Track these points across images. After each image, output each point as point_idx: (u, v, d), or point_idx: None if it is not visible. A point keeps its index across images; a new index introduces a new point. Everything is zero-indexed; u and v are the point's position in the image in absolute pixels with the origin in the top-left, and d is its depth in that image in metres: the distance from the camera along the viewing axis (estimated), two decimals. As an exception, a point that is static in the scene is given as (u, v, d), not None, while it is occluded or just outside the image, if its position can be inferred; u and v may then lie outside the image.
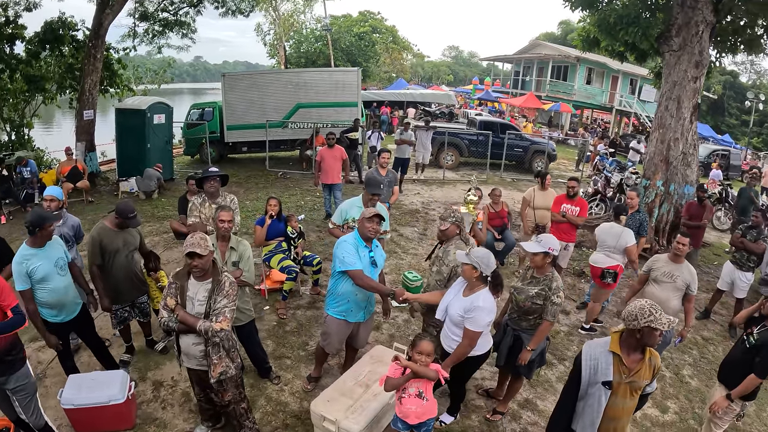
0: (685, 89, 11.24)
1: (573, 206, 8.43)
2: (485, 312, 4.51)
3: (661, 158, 11.59)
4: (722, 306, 9.38)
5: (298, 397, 5.84)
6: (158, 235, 10.47)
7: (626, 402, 3.71)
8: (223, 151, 18.65)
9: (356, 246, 5.06)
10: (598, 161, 20.35)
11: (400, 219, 12.65)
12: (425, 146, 17.28)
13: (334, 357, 6.48)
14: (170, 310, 4.19)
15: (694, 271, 6.10)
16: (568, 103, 38.85)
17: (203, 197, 6.45)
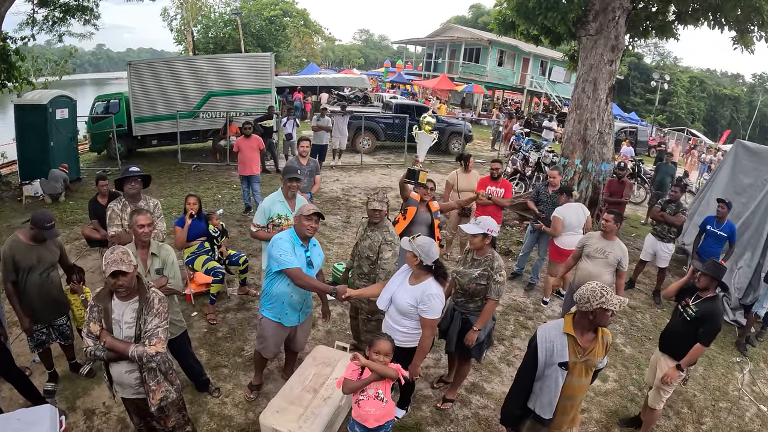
0: (601, 72, 11.71)
1: (497, 188, 8.52)
2: (439, 299, 4.49)
3: (578, 138, 12.07)
4: (645, 275, 10.02)
5: (243, 409, 5.56)
6: (69, 243, 9.64)
7: (582, 380, 3.84)
8: (132, 145, 17.58)
9: (292, 244, 4.86)
10: (514, 141, 20.80)
11: (322, 207, 12.35)
12: (342, 132, 17.13)
13: (273, 361, 6.27)
14: (95, 336, 3.75)
15: (625, 247, 6.38)
16: (481, 84, 39.65)
17: (123, 201, 5.87)
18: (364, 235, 5.59)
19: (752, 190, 9.78)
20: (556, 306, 8.61)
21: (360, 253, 5.59)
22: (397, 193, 14.06)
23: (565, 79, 41.90)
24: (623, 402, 6.37)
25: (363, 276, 5.64)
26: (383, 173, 17.25)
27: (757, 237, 9.13)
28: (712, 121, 68.61)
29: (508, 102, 46.68)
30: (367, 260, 5.53)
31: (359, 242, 5.62)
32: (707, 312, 4.97)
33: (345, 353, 5.64)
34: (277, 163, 16.17)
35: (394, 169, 17.88)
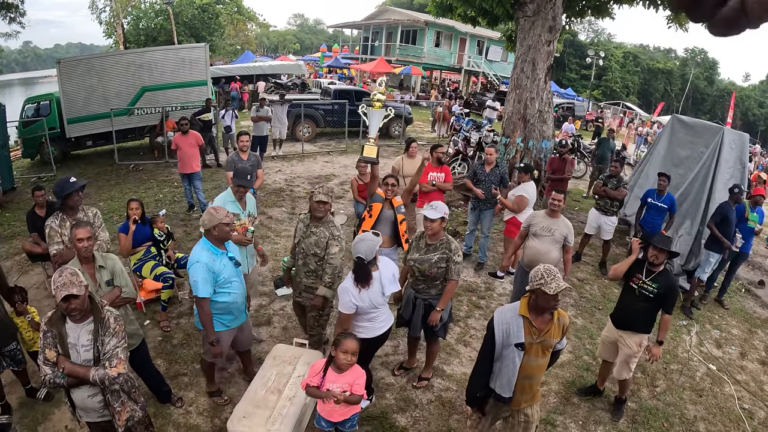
0: (539, 52, 11.94)
1: (439, 173, 8.61)
2: (343, 294, 4.61)
3: (519, 117, 12.32)
4: (590, 248, 10.45)
5: (208, 416, 5.48)
6: (9, 258, 9.28)
7: (539, 360, 3.97)
8: (66, 148, 16.81)
9: (210, 260, 4.72)
10: (454, 122, 20.97)
11: (266, 200, 12.41)
12: (281, 121, 17.02)
13: (233, 364, 6.28)
14: (52, 363, 3.60)
15: (570, 224, 6.61)
16: (419, 65, 39.90)
17: (60, 216, 5.52)
18: (307, 232, 5.48)
19: (689, 162, 10.29)
20: (507, 284, 8.82)
21: (305, 250, 5.48)
22: (342, 180, 14.45)
23: (502, 58, 42.52)
24: (579, 372, 6.63)
25: (310, 273, 5.57)
26: (325, 161, 17.23)
27: (695, 206, 9.65)
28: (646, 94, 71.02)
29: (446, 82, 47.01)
30: (314, 257, 5.47)
31: (302, 239, 5.50)
32: (668, 285, 5.23)
33: (305, 350, 5.66)
34: (217, 157, 15.96)
35: (336, 156, 17.93)
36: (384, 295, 4.74)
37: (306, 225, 5.52)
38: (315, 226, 5.44)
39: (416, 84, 42.03)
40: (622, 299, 5.67)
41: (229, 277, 4.85)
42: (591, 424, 5.72)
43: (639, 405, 6.10)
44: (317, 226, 5.44)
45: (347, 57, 50.75)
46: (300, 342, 5.87)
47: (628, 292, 5.56)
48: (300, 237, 5.53)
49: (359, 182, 9.25)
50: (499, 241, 10.25)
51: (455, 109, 24.11)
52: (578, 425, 5.68)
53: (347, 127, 19.27)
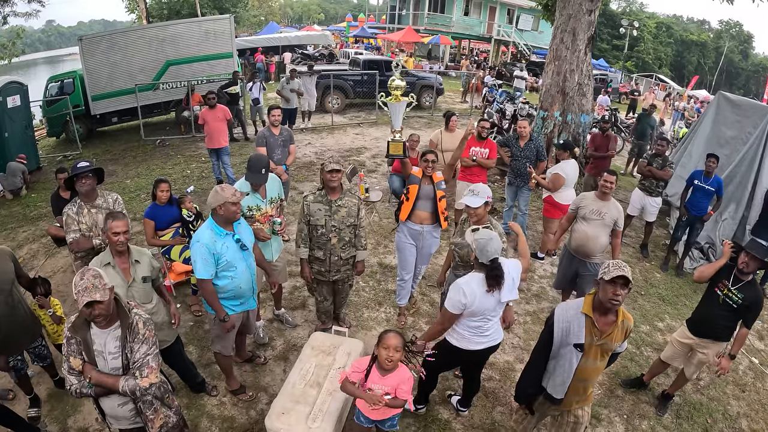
0: (580, 22, 11.32)
1: (482, 148, 8.21)
2: (460, 294, 4.08)
3: (557, 89, 11.79)
4: (631, 229, 9.84)
5: (243, 408, 5.24)
6: (36, 241, 9.02)
7: (597, 363, 3.72)
8: (91, 125, 16.67)
9: (213, 241, 4.42)
10: (487, 93, 20.31)
11: (296, 175, 11.94)
12: (310, 92, 16.55)
13: (267, 349, 6.07)
14: (78, 372, 3.34)
15: (621, 207, 6.21)
16: (447, 35, 39.01)
17: (78, 202, 5.18)
18: (333, 208, 5.27)
19: (735, 142, 9.71)
20: (548, 265, 8.40)
21: (338, 226, 5.31)
22: (373, 154, 13.97)
23: (533, 27, 41.44)
24: (623, 362, 6.28)
25: (346, 245, 5.46)
26: (356, 133, 16.76)
27: (741, 190, 9.12)
28: (679, 66, 69.31)
29: (474, 52, 46.04)
30: (350, 228, 5.40)
31: (330, 217, 5.27)
32: (754, 298, 4.85)
33: (344, 338, 5.40)
34: (245, 131, 15.66)
35: (366, 128, 17.45)
36: (499, 303, 4.21)
37: (327, 203, 5.28)
38: (339, 199, 5.30)
39: (445, 54, 41.15)
40: (704, 306, 5.29)
41: (232, 260, 4.52)
42: (636, 418, 5.49)
43: (683, 399, 5.83)
44: (340, 198, 5.31)
45: (374, 26, 49.89)
46: (339, 330, 5.65)
47: (710, 299, 5.17)
48: (324, 217, 5.29)
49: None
50: (538, 219, 9.78)
51: (487, 79, 23.37)
52: (623, 419, 5.47)
53: (377, 98, 18.41)
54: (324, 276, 5.61)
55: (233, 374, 5.39)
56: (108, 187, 11.03)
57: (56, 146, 16.44)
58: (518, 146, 8.39)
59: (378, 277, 7.72)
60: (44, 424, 5.13)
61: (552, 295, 7.55)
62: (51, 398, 5.45)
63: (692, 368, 5.36)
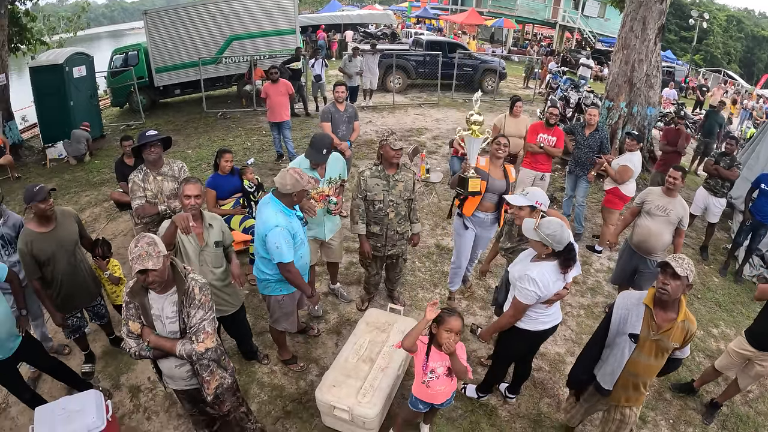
0: (650, 10, 10.81)
1: (550, 136, 7.92)
2: (535, 285, 3.89)
3: (624, 79, 11.31)
4: (691, 229, 9.33)
5: (293, 378, 5.30)
6: (98, 205, 9.18)
7: (650, 360, 3.61)
8: (154, 96, 17.14)
9: (288, 224, 4.38)
10: (551, 79, 19.69)
11: (357, 152, 11.74)
12: (372, 71, 16.28)
13: (320, 322, 6.13)
14: (137, 336, 3.39)
15: (687, 205, 5.92)
16: (511, 18, 38.13)
17: (144, 170, 5.24)
18: (391, 183, 5.29)
19: None
20: (605, 259, 8.06)
21: (395, 201, 5.34)
22: (434, 135, 13.70)
23: (599, 14, 40.16)
24: None
25: (403, 219, 5.50)
26: (417, 113, 16.46)
27: None
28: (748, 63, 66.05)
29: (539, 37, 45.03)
30: (406, 202, 5.45)
31: (388, 192, 5.29)
32: None
33: (399, 316, 5.39)
34: (306, 107, 15.64)
35: (427, 109, 17.12)
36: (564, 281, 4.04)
37: (384, 177, 5.30)
38: (396, 174, 5.32)
39: (508, 38, 40.33)
40: (765, 318, 4.90)
41: (303, 238, 4.63)
42: (681, 424, 5.27)
43: (731, 410, 5.51)
44: (397, 172, 5.33)
45: (436, 7, 49.18)
46: (394, 308, 5.61)
47: None
48: (382, 192, 5.31)
49: None
50: (597, 212, 9.33)
51: (552, 66, 22.68)
52: (669, 424, 5.25)
53: (440, 80, 18.37)
54: (379, 251, 5.64)
55: (286, 345, 5.42)
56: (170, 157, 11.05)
57: (119, 116, 16.84)
58: (583, 135, 8.05)
59: (434, 258, 7.62)
60: (97, 380, 5.32)
61: (608, 289, 7.24)
62: (105, 355, 5.65)
63: (748, 380, 5.09)
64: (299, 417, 4.86)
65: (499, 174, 5.43)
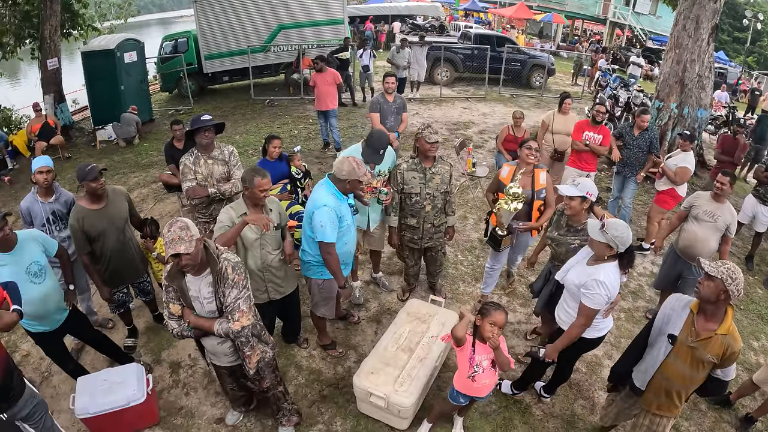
0: (704, 8, 10.42)
1: (596, 134, 7.75)
2: (605, 288, 3.79)
3: (676, 79, 10.91)
4: (738, 237, 8.94)
5: (331, 363, 5.40)
6: (146, 186, 9.43)
7: (685, 367, 3.50)
8: (203, 82, 17.53)
9: (337, 207, 4.46)
10: (600, 77, 19.26)
11: (402, 143, 11.56)
12: (420, 63, 16.16)
13: (361, 310, 6.18)
14: (178, 317, 3.56)
15: (735, 212, 5.76)
16: (561, 13, 37.46)
17: (195, 153, 5.36)
18: (428, 175, 5.28)
19: None
20: (648, 263, 7.83)
21: (432, 193, 5.34)
22: (480, 129, 13.54)
23: (651, 11, 39.14)
24: None
25: (438, 212, 5.49)
26: (463, 107, 16.23)
27: None
28: (804, 66, 63.68)
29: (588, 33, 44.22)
30: (443, 195, 5.43)
31: (425, 185, 5.29)
32: None
33: (440, 308, 5.43)
34: (353, 97, 15.63)
35: (474, 103, 16.87)
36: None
37: (421, 170, 5.30)
38: (433, 167, 5.30)
39: (557, 33, 39.68)
40: None
41: (350, 224, 4.68)
42: None
43: (765, 426, 5.31)
44: (434, 165, 5.31)
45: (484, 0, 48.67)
46: (436, 300, 5.66)
47: None
48: (419, 185, 5.32)
49: (509, 132, 8.71)
50: (642, 214, 9.02)
51: (602, 63, 22.17)
52: None
53: (488, 74, 18.10)
54: (416, 243, 5.67)
55: (326, 330, 5.51)
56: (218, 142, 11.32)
57: (169, 101, 17.25)
58: (632, 135, 7.81)
59: (477, 253, 7.56)
60: (139, 354, 5.54)
61: (649, 294, 7.02)
62: (148, 331, 5.89)
63: None
64: (335, 402, 4.91)
65: (527, 182, 5.28)
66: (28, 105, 13.07)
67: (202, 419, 4.75)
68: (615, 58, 27.26)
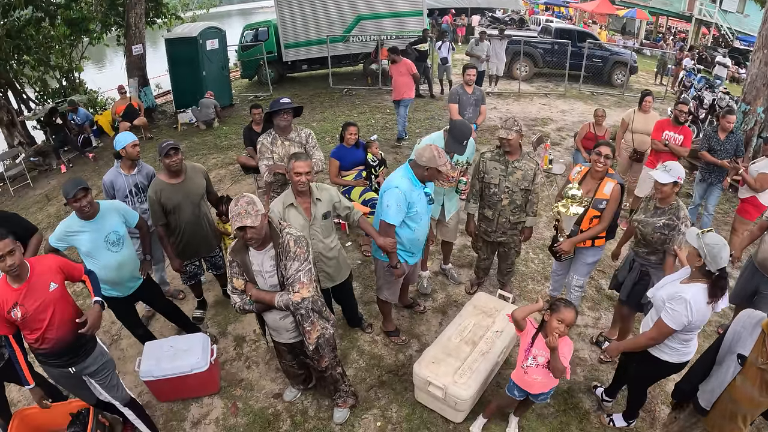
0: None
1: (677, 134, 7.38)
2: (688, 309, 3.56)
3: (763, 82, 10.12)
4: None
5: (393, 349, 5.41)
6: (224, 167, 9.77)
7: (753, 392, 3.26)
8: (282, 70, 17.96)
9: (409, 189, 4.44)
10: (684, 77, 18.48)
11: (479, 137, 11.49)
12: (499, 57, 15.87)
13: (427, 300, 6.17)
14: (240, 291, 3.65)
15: None
16: (644, 9, 36.18)
17: (273, 134, 5.49)
18: (509, 169, 5.14)
19: None
20: None
21: (510, 188, 5.19)
22: (559, 126, 13.27)
23: (738, 9, 37.35)
24: None
25: (517, 209, 5.32)
26: (542, 103, 15.89)
27: None
28: None
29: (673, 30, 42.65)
30: (522, 192, 5.23)
31: (504, 178, 5.16)
32: None
33: (507, 304, 5.32)
34: (431, 88, 15.57)
35: (553, 99, 16.47)
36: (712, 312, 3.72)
37: (503, 162, 5.18)
38: (516, 161, 5.14)
39: (640, 29, 38.41)
40: None
41: (421, 212, 4.63)
42: None
43: None
44: (518, 159, 5.15)
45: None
46: (504, 295, 5.54)
47: None
48: (499, 176, 5.21)
49: (590, 130, 8.53)
50: (724, 224, 8.50)
51: (686, 62, 21.29)
52: None
53: (568, 70, 17.64)
54: (489, 236, 5.57)
55: (391, 317, 5.52)
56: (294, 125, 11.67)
57: (248, 87, 17.80)
58: (718, 139, 7.36)
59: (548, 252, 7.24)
60: (206, 326, 5.82)
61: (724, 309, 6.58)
62: (217, 304, 6.14)
63: None
64: (392, 388, 4.94)
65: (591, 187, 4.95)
66: (113, 88, 13.85)
67: (261, 393, 4.90)
68: (700, 58, 26.20)
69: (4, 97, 13.74)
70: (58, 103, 13.48)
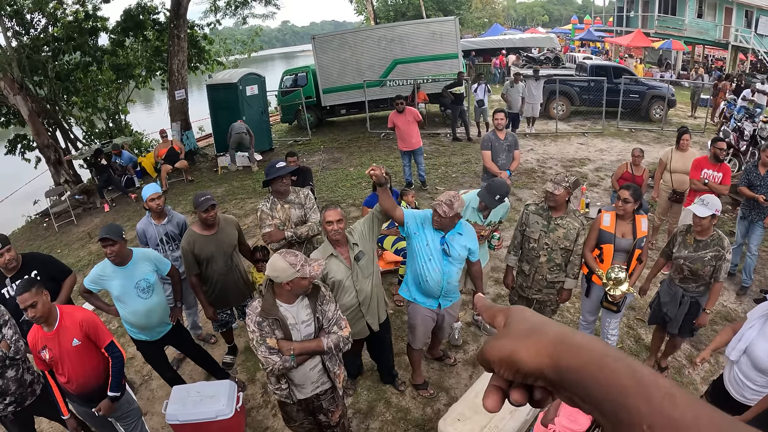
0: None
1: (716, 172, 7.16)
2: None
3: None
4: None
5: (421, 403, 5.34)
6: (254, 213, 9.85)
7: None
8: (321, 115, 18.32)
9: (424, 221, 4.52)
10: (725, 107, 18.10)
11: (516, 181, 11.49)
12: (536, 97, 15.80)
13: (458, 352, 6.09)
14: (277, 351, 3.47)
15: None
16: (679, 39, 35.83)
17: (272, 199, 5.41)
18: (551, 225, 4.99)
19: None
20: None
21: (550, 245, 5.02)
22: (597, 166, 13.19)
23: (777, 34, 36.72)
24: None
25: (555, 267, 5.12)
26: (580, 142, 15.80)
27: None
28: None
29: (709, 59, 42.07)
30: (563, 251, 5.03)
31: (545, 234, 5.02)
32: None
33: None
34: (468, 131, 15.57)
35: (591, 138, 16.38)
36: None
37: (546, 218, 5.05)
38: (560, 218, 4.98)
39: (677, 60, 37.99)
40: None
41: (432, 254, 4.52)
42: None
43: None
44: (561, 217, 4.97)
45: (600, 29, 47.37)
46: None
47: None
48: (540, 232, 5.07)
49: (627, 170, 8.21)
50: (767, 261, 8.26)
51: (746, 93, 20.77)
52: None
53: (605, 107, 17.41)
54: (524, 291, 5.43)
55: (420, 368, 5.44)
56: (332, 173, 12.44)
57: (288, 131, 18.32)
58: (758, 174, 7.08)
59: None
60: (235, 371, 5.92)
61: None
62: (247, 350, 6.17)
63: None
64: None
65: (627, 229, 5.00)
66: (158, 130, 14.41)
67: (286, 441, 4.95)
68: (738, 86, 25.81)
69: (53, 137, 14.47)
70: (103, 144, 14.18)
